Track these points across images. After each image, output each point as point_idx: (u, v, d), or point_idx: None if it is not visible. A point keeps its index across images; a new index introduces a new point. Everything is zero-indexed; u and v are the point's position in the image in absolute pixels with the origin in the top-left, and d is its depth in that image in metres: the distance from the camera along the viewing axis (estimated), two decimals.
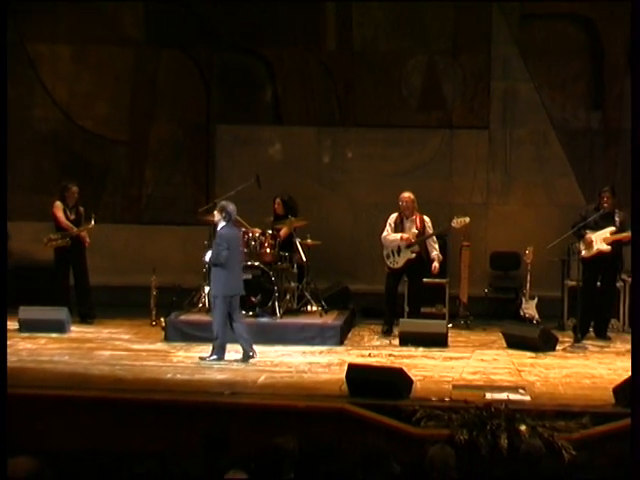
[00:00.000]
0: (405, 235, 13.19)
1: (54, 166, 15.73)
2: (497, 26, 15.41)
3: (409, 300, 13.53)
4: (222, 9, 15.51)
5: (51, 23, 15.76)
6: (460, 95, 15.55)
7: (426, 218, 13.36)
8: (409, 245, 13.18)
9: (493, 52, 15.47)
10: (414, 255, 13.23)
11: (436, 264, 13.28)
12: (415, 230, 13.25)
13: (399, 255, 13.26)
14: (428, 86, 15.55)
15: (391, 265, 13.35)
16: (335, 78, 15.67)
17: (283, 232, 13.74)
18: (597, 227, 13.04)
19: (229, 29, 15.58)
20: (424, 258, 13.30)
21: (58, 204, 13.84)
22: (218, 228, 11.74)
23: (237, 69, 15.70)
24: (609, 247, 12.99)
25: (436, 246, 13.39)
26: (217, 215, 11.76)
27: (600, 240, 12.99)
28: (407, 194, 13.34)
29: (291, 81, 15.72)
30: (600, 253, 13.00)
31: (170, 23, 15.65)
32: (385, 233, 13.36)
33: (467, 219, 13.37)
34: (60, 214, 13.80)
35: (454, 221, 13.36)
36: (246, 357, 11.66)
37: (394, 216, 13.40)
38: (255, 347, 12.22)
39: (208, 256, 11.76)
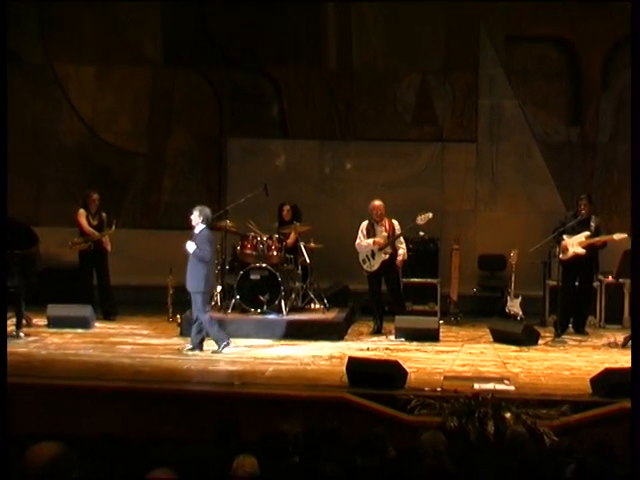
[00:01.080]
0: (377, 239, 13.05)
1: (79, 176, 15.73)
2: (484, 48, 15.40)
3: (392, 298, 13.44)
4: (233, 33, 15.52)
5: (77, 45, 15.77)
6: (450, 111, 15.54)
7: (394, 221, 13.17)
8: (381, 248, 13.12)
9: (480, 72, 15.45)
10: (387, 256, 13.07)
11: (400, 257, 13.10)
12: (385, 233, 13.16)
13: (374, 259, 13.12)
14: (421, 103, 15.54)
15: (368, 269, 13.18)
16: (336, 95, 15.67)
17: (291, 238, 13.77)
18: (574, 232, 13.01)
19: (239, 51, 15.59)
20: (396, 258, 13.26)
21: (82, 211, 13.84)
22: (197, 230, 11.66)
23: (246, 87, 15.70)
24: (584, 250, 12.97)
25: (403, 246, 13.21)
26: (196, 219, 11.68)
27: (576, 244, 12.97)
28: (378, 202, 13.16)
29: (296, 98, 15.72)
30: (576, 256, 12.98)
31: (185, 46, 15.66)
32: (358, 240, 13.16)
33: (430, 214, 13.17)
34: (83, 221, 13.79)
35: (418, 218, 13.19)
36: (193, 349, 11.71)
37: (365, 224, 13.22)
38: (263, 341, 12.32)
39: (191, 247, 11.61)
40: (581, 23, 15.05)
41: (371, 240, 13.07)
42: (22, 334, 12.46)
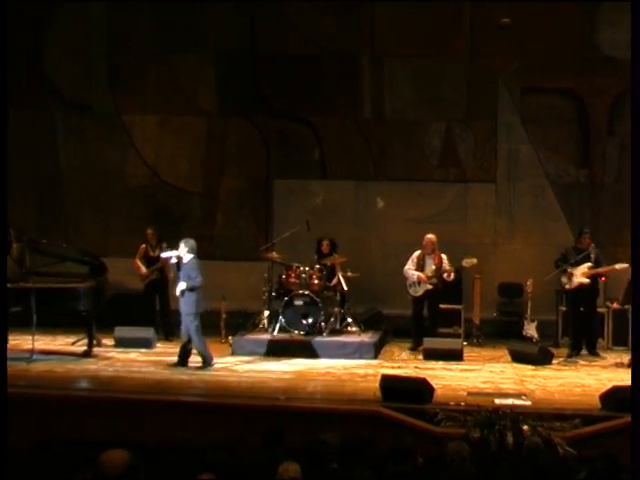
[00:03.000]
0: (422, 275, 13.07)
1: (143, 213, 15.80)
2: (502, 99, 15.39)
3: (429, 321, 13.45)
4: (278, 86, 15.62)
5: (141, 97, 15.92)
6: (472, 155, 15.52)
7: (443, 256, 13.22)
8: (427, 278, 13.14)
9: (499, 120, 15.43)
10: (432, 286, 13.14)
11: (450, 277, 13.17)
12: (433, 267, 13.16)
13: (419, 286, 13.16)
14: (446, 147, 15.53)
15: (413, 294, 13.23)
16: (370, 141, 15.69)
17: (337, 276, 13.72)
18: (577, 263, 12.96)
19: (284, 102, 15.67)
20: (440, 288, 13.23)
21: (140, 249, 13.97)
22: (186, 260, 11.72)
23: (291, 134, 15.76)
24: (588, 280, 12.90)
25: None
26: (183, 250, 11.73)
27: (580, 274, 12.90)
28: (430, 236, 13.25)
29: (334, 143, 15.75)
30: (581, 285, 12.91)
31: (237, 98, 15.76)
32: (407, 267, 13.23)
33: (475, 260, 13.27)
34: (136, 260, 13.90)
35: (464, 261, 13.25)
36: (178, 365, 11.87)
37: (417, 253, 13.28)
38: (305, 361, 12.26)
39: (182, 287, 11.69)
40: (588, 77, 15.03)
41: (416, 274, 13.10)
42: (92, 353, 12.53)
